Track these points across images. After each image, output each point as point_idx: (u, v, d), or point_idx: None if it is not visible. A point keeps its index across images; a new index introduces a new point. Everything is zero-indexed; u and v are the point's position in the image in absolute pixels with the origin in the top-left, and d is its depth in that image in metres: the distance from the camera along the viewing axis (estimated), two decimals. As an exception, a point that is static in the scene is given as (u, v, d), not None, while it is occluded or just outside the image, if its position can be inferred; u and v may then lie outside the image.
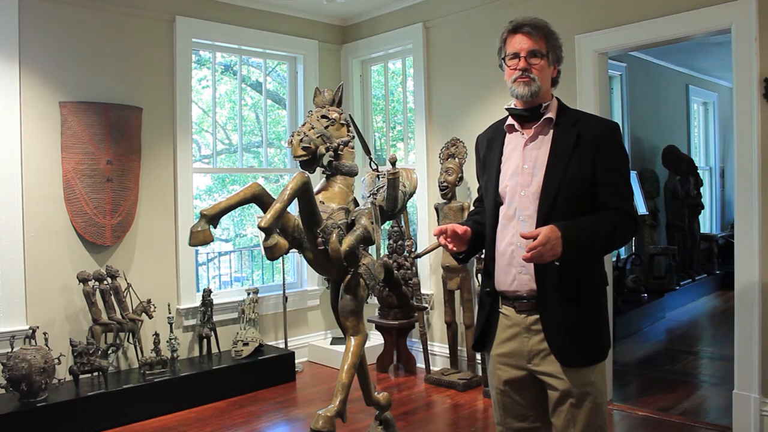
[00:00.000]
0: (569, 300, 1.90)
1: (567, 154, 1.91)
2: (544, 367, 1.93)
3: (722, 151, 9.04)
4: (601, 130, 1.96)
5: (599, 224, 1.87)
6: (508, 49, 1.99)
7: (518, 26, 1.98)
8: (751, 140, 3.26)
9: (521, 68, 1.95)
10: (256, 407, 4.12)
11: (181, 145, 4.51)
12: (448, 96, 4.77)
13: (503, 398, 2.06)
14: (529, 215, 1.93)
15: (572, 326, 1.90)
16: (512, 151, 2.03)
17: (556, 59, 2.02)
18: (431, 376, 4.55)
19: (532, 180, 1.95)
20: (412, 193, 3.24)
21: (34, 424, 3.45)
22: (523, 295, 1.95)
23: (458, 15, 4.65)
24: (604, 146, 1.92)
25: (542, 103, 1.98)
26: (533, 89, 1.94)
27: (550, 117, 1.98)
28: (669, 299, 6.67)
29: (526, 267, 1.93)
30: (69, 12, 4.01)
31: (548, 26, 2.00)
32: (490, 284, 2.04)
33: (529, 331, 1.95)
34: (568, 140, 1.93)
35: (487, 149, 2.13)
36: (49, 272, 3.92)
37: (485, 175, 2.11)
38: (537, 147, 1.97)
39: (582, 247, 1.83)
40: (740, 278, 3.34)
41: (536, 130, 1.99)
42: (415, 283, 4.66)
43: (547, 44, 1.97)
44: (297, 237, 2.73)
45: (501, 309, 2.03)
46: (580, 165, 1.90)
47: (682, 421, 3.68)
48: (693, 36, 3.58)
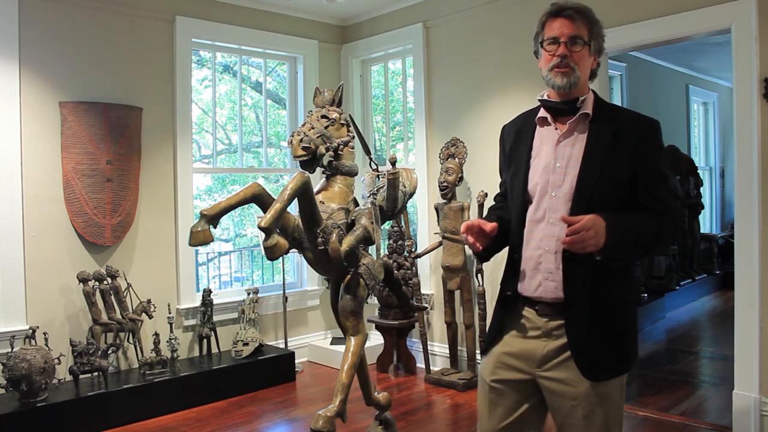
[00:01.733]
0: (597, 310, 1.77)
1: (603, 153, 1.76)
2: (557, 374, 1.80)
3: (722, 151, 9.04)
4: (641, 128, 1.81)
5: (644, 223, 1.74)
6: (547, 33, 1.82)
7: (560, 9, 1.81)
8: (751, 140, 3.26)
9: (560, 54, 1.78)
10: (256, 407, 4.12)
11: (181, 145, 4.51)
12: (448, 96, 4.77)
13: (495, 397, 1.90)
14: (559, 218, 1.77)
15: (599, 337, 1.78)
16: (543, 146, 1.87)
17: (597, 49, 1.86)
18: (431, 376, 4.55)
19: (564, 180, 1.79)
20: (412, 193, 3.24)
21: (34, 424, 3.45)
22: (548, 301, 1.82)
23: (458, 15, 4.65)
24: (643, 146, 1.78)
25: (579, 97, 1.82)
26: (572, 80, 1.79)
27: (586, 112, 1.82)
28: (669, 299, 6.67)
29: (553, 274, 1.79)
30: (69, 12, 4.01)
31: (593, 13, 1.85)
32: (513, 287, 1.89)
33: (550, 335, 1.81)
34: (605, 138, 1.78)
35: (515, 141, 1.95)
36: (49, 272, 3.92)
37: (511, 169, 1.94)
38: (571, 144, 1.82)
39: (626, 244, 1.70)
40: (740, 278, 3.34)
41: (571, 126, 1.83)
42: (415, 283, 4.67)
43: (590, 32, 1.82)
44: (297, 237, 2.73)
45: (523, 311, 1.87)
46: (618, 165, 1.75)
47: (682, 421, 3.68)
48: (693, 36, 3.58)
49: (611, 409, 1.80)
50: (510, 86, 4.31)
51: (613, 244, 1.66)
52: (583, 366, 1.77)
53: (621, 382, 1.84)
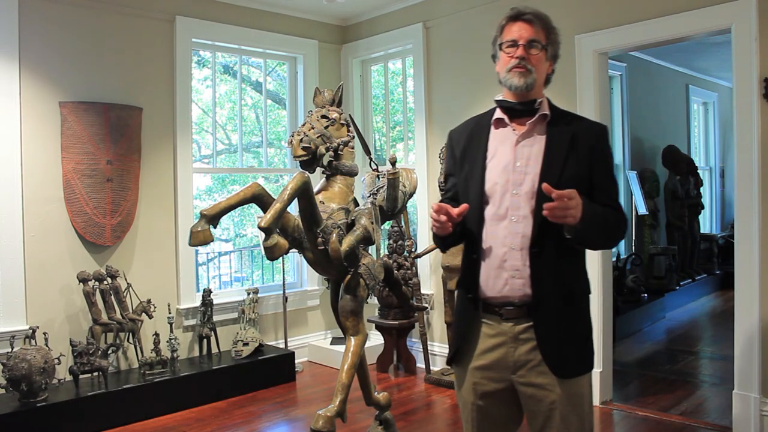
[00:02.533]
0: (563, 307, 1.82)
1: (563, 153, 1.83)
2: (532, 378, 1.83)
3: (722, 151, 9.05)
4: (594, 132, 1.90)
5: (608, 214, 1.82)
6: (506, 36, 1.88)
7: (519, 13, 1.87)
8: (751, 140, 3.26)
9: (519, 56, 1.84)
10: (256, 407, 4.12)
11: (181, 145, 4.51)
12: (448, 96, 4.77)
13: (478, 415, 1.93)
14: (523, 215, 1.82)
15: (566, 333, 1.83)
16: (500, 147, 1.90)
17: (553, 55, 1.92)
18: (431, 376, 4.55)
19: (525, 178, 1.84)
20: (412, 193, 3.24)
21: (34, 424, 3.45)
22: (514, 301, 1.83)
23: (458, 15, 4.65)
24: (598, 149, 1.87)
25: (536, 99, 1.89)
26: (529, 81, 1.84)
27: (545, 113, 1.89)
28: (669, 299, 6.67)
29: (520, 271, 1.82)
30: (69, 12, 4.01)
31: (549, 19, 1.91)
32: (473, 290, 1.90)
33: (517, 340, 1.84)
34: (563, 139, 1.85)
35: (466, 144, 1.98)
36: (49, 272, 3.92)
37: (464, 171, 1.96)
38: (530, 144, 1.87)
39: (595, 226, 1.77)
40: (740, 278, 3.34)
41: (530, 126, 1.88)
42: (415, 283, 4.66)
43: (548, 37, 1.88)
44: (297, 237, 2.73)
45: (483, 318, 1.89)
46: (577, 165, 1.83)
47: (682, 421, 3.68)
48: (693, 36, 3.58)
49: (586, 408, 1.86)
50: (510, 86, 4.30)
51: (587, 223, 1.73)
52: (555, 364, 1.81)
53: (589, 380, 1.91)
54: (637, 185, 6.72)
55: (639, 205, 6.63)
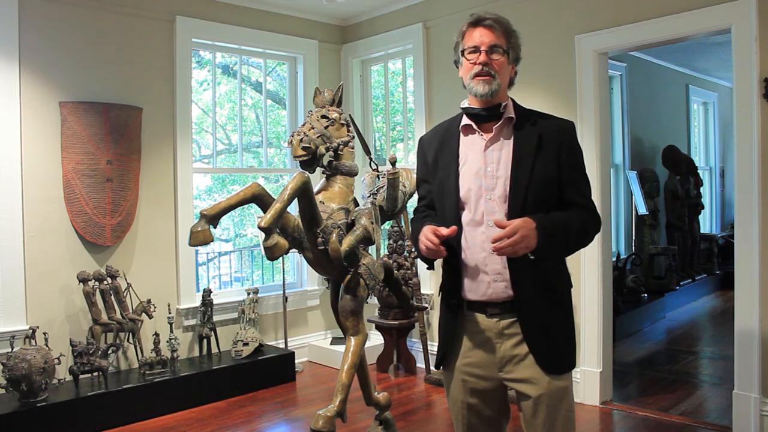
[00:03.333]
0: (546, 302, 1.86)
1: (531, 155, 1.85)
2: (518, 373, 1.86)
3: (722, 151, 9.05)
4: (561, 130, 1.91)
5: (571, 220, 1.83)
6: (467, 42, 1.90)
7: (480, 20, 1.90)
8: (751, 140, 3.26)
9: (481, 62, 1.86)
10: (256, 407, 4.12)
11: (181, 145, 4.51)
12: (448, 96, 4.77)
13: (468, 413, 1.96)
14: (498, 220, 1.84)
15: (552, 329, 1.86)
16: (469, 153, 1.93)
17: (515, 58, 1.94)
18: (431, 376, 4.55)
19: (496, 183, 1.86)
20: (412, 193, 3.23)
21: (34, 424, 3.45)
22: (497, 302, 1.87)
23: (458, 15, 4.65)
24: (565, 146, 1.89)
25: (501, 102, 1.91)
26: (494, 87, 1.86)
27: (510, 116, 1.91)
28: (669, 299, 6.67)
29: (502, 274, 1.85)
30: (69, 12, 4.01)
31: (509, 24, 1.93)
32: (456, 294, 1.92)
33: (502, 335, 1.87)
34: (530, 141, 1.87)
35: (438, 151, 2.00)
36: (49, 272, 3.92)
37: (437, 178, 1.99)
38: (499, 148, 1.89)
39: (557, 242, 1.79)
40: (740, 278, 3.34)
41: (497, 131, 1.91)
42: (415, 283, 4.67)
43: (508, 41, 1.90)
44: (297, 237, 2.73)
45: (468, 318, 1.92)
46: (545, 166, 1.85)
47: (682, 421, 3.68)
48: (693, 36, 3.58)
49: (570, 402, 1.89)
50: (510, 86, 4.30)
51: (546, 245, 1.75)
52: (542, 359, 1.84)
53: (571, 376, 1.95)
54: (637, 185, 6.72)
55: (639, 205, 6.63)
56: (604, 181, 3.93)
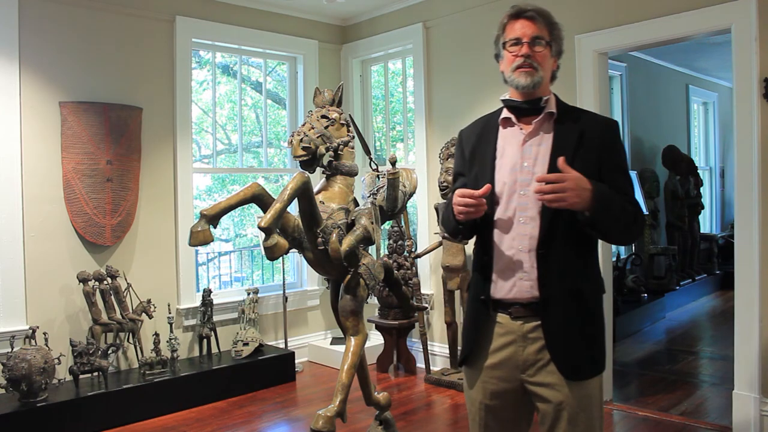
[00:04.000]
0: (572, 307, 1.79)
1: (570, 151, 1.78)
2: (540, 378, 1.81)
3: (722, 151, 9.05)
4: (604, 128, 1.86)
5: (625, 204, 1.77)
6: (509, 34, 1.85)
7: (521, 11, 1.84)
8: (751, 140, 3.26)
9: (524, 54, 1.81)
10: (256, 407, 4.12)
11: (181, 145, 4.51)
12: (448, 96, 4.77)
13: (486, 415, 1.91)
14: (531, 216, 1.80)
15: (576, 334, 1.79)
16: (507, 147, 1.88)
17: (558, 51, 1.89)
18: (431, 376, 4.55)
19: (532, 178, 1.79)
20: (412, 193, 3.24)
21: (34, 424, 3.45)
22: (522, 302, 1.82)
23: (458, 15, 4.65)
24: (607, 145, 1.83)
25: (542, 96, 1.85)
26: (536, 79, 1.81)
27: (551, 111, 1.85)
28: (669, 299, 6.67)
29: (528, 273, 1.79)
30: (69, 12, 4.01)
31: (551, 15, 1.88)
32: (486, 291, 1.88)
33: (526, 339, 1.82)
34: (570, 137, 1.81)
35: (476, 144, 1.95)
36: (49, 272, 3.92)
37: (473, 171, 1.94)
38: (537, 143, 1.84)
39: (612, 210, 1.71)
40: (740, 278, 3.34)
41: (537, 125, 1.85)
42: (415, 283, 4.67)
43: (551, 33, 1.85)
44: (297, 237, 2.73)
45: (494, 318, 1.87)
46: (585, 164, 1.76)
47: (682, 421, 3.68)
48: (693, 36, 3.58)
49: (594, 410, 1.83)
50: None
51: (600, 209, 1.68)
52: (563, 366, 1.79)
53: (600, 382, 1.88)
54: (637, 185, 6.72)
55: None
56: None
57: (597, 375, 1.85)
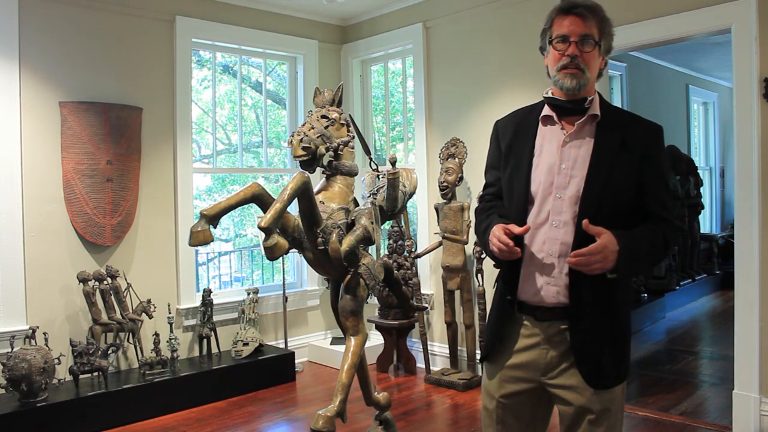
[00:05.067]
0: (602, 316, 1.75)
1: (611, 156, 1.72)
2: (563, 380, 1.78)
3: (722, 151, 9.05)
4: (648, 133, 1.79)
5: (654, 237, 1.71)
6: (557, 30, 1.75)
7: (571, 6, 1.74)
8: (751, 140, 3.26)
9: (570, 54, 1.72)
10: (256, 407, 4.12)
11: (181, 145, 4.51)
12: (448, 96, 4.77)
13: (504, 412, 1.87)
14: (564, 221, 1.74)
15: (603, 343, 1.75)
16: (546, 146, 1.80)
17: (607, 49, 1.80)
18: (431, 376, 4.55)
19: (569, 182, 1.74)
20: (412, 193, 3.24)
21: (34, 424, 3.45)
22: (547, 306, 1.78)
23: (458, 15, 4.65)
24: (650, 152, 1.76)
25: (587, 97, 1.77)
26: (582, 82, 1.73)
27: (595, 113, 1.78)
28: (669, 299, 6.67)
29: (556, 278, 1.75)
30: (69, 12, 4.01)
31: (603, 11, 1.78)
32: (512, 292, 1.83)
33: (550, 342, 1.79)
34: (612, 141, 1.74)
35: (513, 138, 1.87)
36: (49, 272, 3.92)
37: (509, 167, 1.85)
38: (578, 146, 1.76)
39: (637, 263, 1.70)
40: (740, 278, 3.34)
41: (579, 127, 1.77)
42: (415, 283, 4.66)
43: (601, 31, 1.75)
44: (297, 237, 2.73)
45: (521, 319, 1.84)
46: (626, 170, 1.72)
47: (682, 421, 3.68)
48: (693, 36, 3.58)
49: (616, 413, 1.80)
50: (510, 86, 4.30)
51: (626, 266, 1.66)
52: (587, 374, 1.75)
53: (623, 389, 1.84)
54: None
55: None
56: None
57: (621, 383, 1.81)
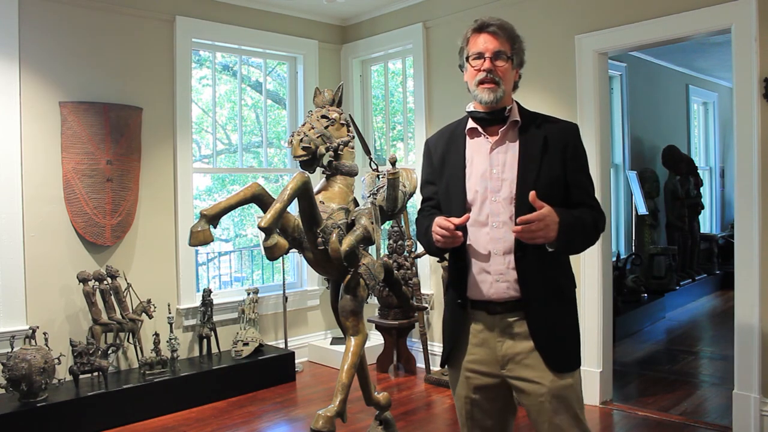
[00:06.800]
0: (553, 302, 1.88)
1: (537, 157, 1.88)
2: (520, 372, 1.88)
3: (722, 151, 9.05)
4: (566, 132, 1.94)
5: (584, 217, 1.86)
6: (472, 48, 1.94)
7: (484, 25, 1.92)
8: (751, 140, 3.26)
9: (486, 69, 1.89)
10: (256, 407, 4.12)
11: (181, 145, 4.51)
12: (448, 96, 4.77)
13: (472, 408, 1.98)
14: (503, 221, 1.87)
15: (559, 330, 1.88)
16: (475, 156, 1.96)
17: (519, 63, 1.97)
18: (431, 376, 4.55)
19: (502, 185, 1.89)
20: (412, 193, 3.24)
21: (34, 424, 3.45)
22: (500, 302, 1.89)
23: (458, 15, 4.65)
24: (570, 148, 1.91)
25: (505, 106, 1.93)
26: (498, 95, 1.89)
27: (516, 120, 1.93)
28: (669, 299, 6.67)
29: (504, 274, 1.87)
30: (69, 12, 4.01)
31: (513, 29, 1.95)
32: (462, 295, 1.95)
33: (504, 333, 1.89)
34: (536, 143, 1.89)
35: (444, 153, 2.03)
36: (49, 272, 3.92)
37: (444, 180, 2.02)
38: (504, 151, 1.92)
39: (574, 236, 1.82)
40: (740, 278, 3.34)
41: (502, 134, 1.93)
42: (415, 283, 4.67)
43: (512, 47, 1.92)
44: (297, 237, 2.73)
45: (472, 316, 1.95)
46: (551, 167, 1.87)
47: (682, 421, 3.68)
48: (693, 36, 3.58)
49: (576, 400, 1.89)
50: (510, 86, 4.30)
51: (565, 238, 1.78)
52: (551, 359, 1.85)
53: (579, 375, 1.95)
54: (637, 185, 6.72)
55: (639, 205, 6.63)
56: (604, 181, 3.93)
57: (577, 368, 1.92)
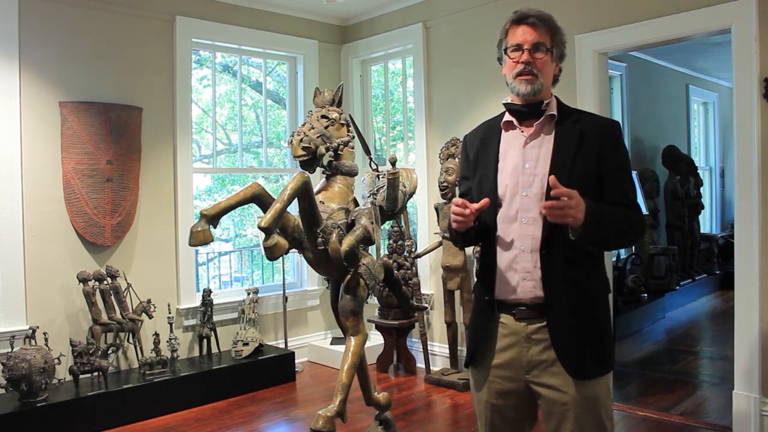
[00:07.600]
0: (577, 307, 1.79)
1: (571, 152, 1.81)
2: (545, 379, 1.82)
3: (722, 151, 9.05)
4: (604, 128, 1.88)
5: (618, 213, 1.78)
6: (511, 40, 1.87)
7: (523, 17, 1.86)
8: (751, 140, 3.26)
9: (524, 61, 1.83)
10: (256, 407, 4.12)
11: (181, 145, 4.51)
12: (448, 96, 4.77)
13: (493, 414, 1.92)
14: (533, 217, 1.82)
15: (581, 334, 1.79)
16: (509, 149, 1.91)
17: (559, 55, 1.91)
18: (431, 376, 4.55)
19: (533, 180, 1.83)
20: (412, 193, 3.24)
21: (34, 424, 3.45)
22: (526, 302, 1.83)
23: (458, 15, 4.65)
24: (608, 145, 1.84)
25: (543, 100, 1.88)
26: (536, 87, 1.83)
27: (552, 114, 1.88)
28: (669, 299, 6.67)
29: (531, 273, 1.81)
30: (69, 12, 4.01)
31: (554, 20, 1.89)
32: (489, 293, 1.90)
33: (529, 340, 1.83)
34: (571, 139, 1.83)
35: (480, 147, 1.98)
36: (49, 272, 3.92)
37: (477, 174, 1.97)
38: (538, 145, 1.86)
39: (603, 227, 1.72)
40: (740, 278, 3.34)
41: (537, 128, 1.88)
42: (415, 283, 4.66)
43: (552, 39, 1.86)
44: (297, 237, 2.73)
45: (499, 318, 1.88)
46: (585, 164, 1.80)
47: (682, 421, 3.68)
48: (693, 36, 3.58)
49: (601, 411, 1.82)
50: (510, 86, 4.30)
51: (592, 226, 1.69)
52: (568, 365, 1.78)
53: (607, 383, 1.87)
54: (638, 185, 6.72)
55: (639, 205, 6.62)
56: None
57: (604, 375, 1.84)
